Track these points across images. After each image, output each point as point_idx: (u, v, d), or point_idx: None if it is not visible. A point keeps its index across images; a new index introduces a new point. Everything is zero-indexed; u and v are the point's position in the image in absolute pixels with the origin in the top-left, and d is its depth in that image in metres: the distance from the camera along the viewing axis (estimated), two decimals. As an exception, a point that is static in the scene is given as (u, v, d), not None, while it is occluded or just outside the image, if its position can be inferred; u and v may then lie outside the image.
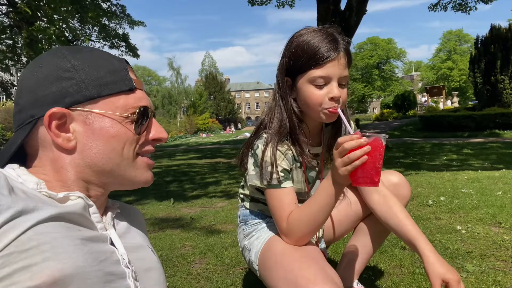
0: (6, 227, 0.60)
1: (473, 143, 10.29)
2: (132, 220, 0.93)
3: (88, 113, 0.75)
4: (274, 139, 1.25)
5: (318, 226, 1.20)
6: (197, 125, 46.31)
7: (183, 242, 2.56)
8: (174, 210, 3.70)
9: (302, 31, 1.22)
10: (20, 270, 0.58)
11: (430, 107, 23.25)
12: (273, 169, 1.22)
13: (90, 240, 0.70)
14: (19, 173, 0.74)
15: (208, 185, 5.34)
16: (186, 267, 2.07)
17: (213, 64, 66.38)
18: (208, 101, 56.41)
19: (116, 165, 0.79)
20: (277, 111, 1.28)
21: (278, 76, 1.28)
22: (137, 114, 0.79)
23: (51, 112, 0.72)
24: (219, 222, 3.07)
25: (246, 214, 1.46)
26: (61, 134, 0.74)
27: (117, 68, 0.79)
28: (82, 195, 0.75)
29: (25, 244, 0.60)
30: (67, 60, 0.75)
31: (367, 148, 0.99)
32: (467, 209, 2.88)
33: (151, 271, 0.83)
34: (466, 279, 1.68)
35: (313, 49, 1.16)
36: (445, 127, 14.53)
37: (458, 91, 36.96)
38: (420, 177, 4.53)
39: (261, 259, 1.29)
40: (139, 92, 0.82)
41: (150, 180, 0.85)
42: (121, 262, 0.74)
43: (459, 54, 52.86)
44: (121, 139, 0.78)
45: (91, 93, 0.75)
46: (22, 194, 0.67)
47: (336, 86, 1.19)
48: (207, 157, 10.69)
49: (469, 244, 2.13)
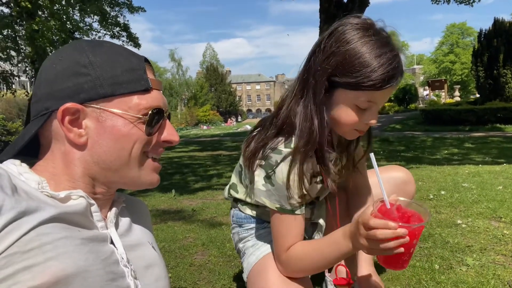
0: (9, 227, 0.60)
1: (474, 137, 10.28)
2: (136, 214, 0.93)
3: (101, 111, 0.75)
4: (299, 158, 1.07)
5: (318, 270, 1.16)
6: (198, 117, 46.27)
7: (185, 233, 2.58)
8: (176, 202, 3.72)
9: (354, 35, 1.00)
10: (23, 270, 0.60)
11: (431, 100, 23.19)
12: (291, 194, 1.08)
13: (90, 240, 0.71)
14: (21, 171, 0.74)
15: (210, 178, 5.36)
16: (188, 259, 2.09)
17: (214, 56, 66.18)
18: (209, 93, 56.30)
19: (124, 165, 0.78)
20: (303, 117, 1.07)
21: (316, 76, 1.04)
22: (149, 115, 0.78)
23: (65, 107, 0.72)
24: (221, 214, 3.09)
25: (240, 217, 1.38)
26: (73, 129, 0.74)
27: (134, 67, 0.78)
28: (84, 194, 0.75)
29: (27, 245, 0.61)
30: (86, 56, 0.75)
31: (404, 240, 0.84)
32: (467, 203, 2.89)
33: (152, 268, 0.84)
34: (466, 273, 1.70)
35: (372, 72, 0.97)
36: (446, 121, 14.51)
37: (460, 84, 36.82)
38: (421, 171, 4.55)
39: (251, 277, 1.24)
40: (155, 93, 0.80)
41: (155, 183, 0.84)
42: (120, 261, 0.75)
43: (461, 47, 52.51)
44: (131, 139, 0.77)
45: (105, 91, 0.75)
46: (24, 195, 0.67)
47: (377, 111, 1.07)
48: (208, 150, 10.70)
49: (469, 238, 2.15)
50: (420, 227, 0.86)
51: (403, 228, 0.83)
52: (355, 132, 1.11)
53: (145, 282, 0.79)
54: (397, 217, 0.85)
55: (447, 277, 1.66)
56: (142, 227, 0.91)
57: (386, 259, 0.94)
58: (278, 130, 1.12)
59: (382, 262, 0.96)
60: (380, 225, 0.85)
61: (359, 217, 0.92)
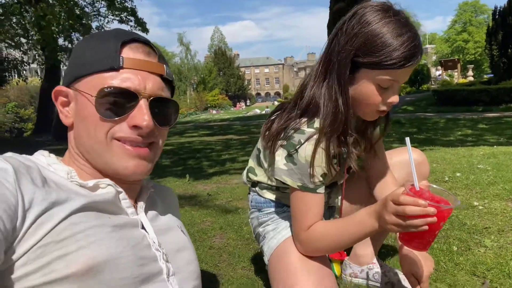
0: (41, 218, 0.62)
1: (489, 118, 10.12)
2: (164, 200, 0.95)
3: (76, 92, 0.77)
4: (324, 138, 1.10)
5: (338, 250, 1.18)
6: (207, 102, 46.22)
7: (202, 218, 2.62)
8: (191, 187, 3.77)
9: (375, 17, 1.03)
10: (57, 259, 0.62)
11: (444, 81, 22.78)
12: (314, 172, 1.11)
13: (121, 227, 0.73)
14: (50, 162, 0.76)
15: (223, 162, 5.40)
16: (207, 242, 2.14)
17: (222, 39, 65.61)
18: (217, 77, 56.07)
19: (91, 148, 0.77)
20: (328, 98, 1.10)
21: (339, 56, 1.07)
22: (102, 94, 0.73)
23: (55, 90, 0.78)
24: (236, 199, 3.13)
25: (260, 201, 1.40)
26: (63, 110, 0.79)
27: (104, 47, 0.76)
28: (111, 183, 0.77)
29: (61, 234, 0.63)
30: (78, 44, 0.83)
31: (432, 220, 0.85)
32: (483, 185, 2.88)
33: (183, 251, 0.86)
34: (484, 254, 1.71)
35: (394, 50, 1.00)
36: (459, 102, 14.27)
37: (474, 64, 36.04)
38: (435, 153, 4.51)
39: (273, 260, 1.27)
40: (128, 72, 0.75)
41: (131, 169, 0.77)
42: (151, 245, 0.77)
43: (475, 25, 51.22)
44: (91, 119, 0.75)
45: (76, 72, 0.77)
46: (54, 185, 0.69)
47: (398, 90, 1.10)
48: (218, 134, 10.74)
49: (487, 220, 2.15)
50: (448, 210, 0.87)
51: (432, 208, 0.85)
52: (376, 112, 1.13)
53: (177, 265, 0.81)
54: (428, 199, 0.87)
55: (466, 258, 1.68)
56: (171, 213, 0.93)
57: (409, 239, 0.95)
58: (302, 112, 1.14)
59: (405, 242, 0.97)
60: (410, 201, 0.88)
61: (387, 196, 0.94)
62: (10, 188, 0.60)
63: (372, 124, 1.26)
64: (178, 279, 0.79)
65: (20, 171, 0.65)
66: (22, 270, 0.60)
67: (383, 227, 0.99)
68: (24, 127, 24.41)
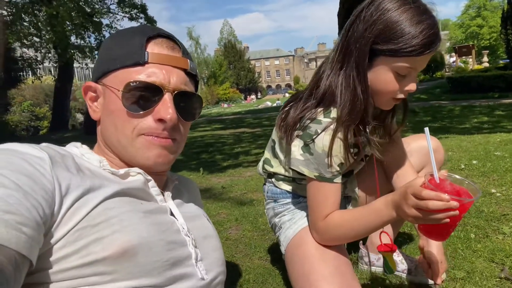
0: (77, 203, 0.65)
1: (505, 104, 9.90)
2: (189, 191, 0.97)
3: (104, 87, 0.80)
4: (342, 127, 1.09)
5: (355, 239, 1.17)
6: (218, 96, 46.32)
7: (217, 210, 2.65)
8: (205, 180, 3.80)
9: (394, 4, 1.02)
10: (93, 242, 0.64)
11: (458, 67, 22.33)
12: (331, 162, 1.10)
13: (152, 212, 0.75)
14: (83, 152, 0.80)
15: (236, 155, 5.43)
16: (224, 233, 2.16)
17: (231, 32, 65.41)
18: (228, 71, 56.04)
19: (117, 141, 0.79)
20: (345, 86, 1.09)
21: (358, 44, 1.06)
22: (129, 89, 0.75)
23: (84, 85, 0.81)
24: (250, 191, 3.15)
25: (276, 192, 1.40)
26: (92, 105, 0.82)
27: (130, 42, 0.78)
28: (141, 171, 0.79)
29: (96, 219, 0.66)
30: (105, 41, 0.85)
31: (454, 213, 0.84)
32: (500, 172, 2.83)
33: (209, 238, 0.88)
34: (502, 241, 1.69)
35: (413, 38, 0.99)
36: (474, 89, 13.96)
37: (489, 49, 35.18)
38: (450, 141, 4.45)
39: (289, 249, 1.28)
40: (154, 67, 0.77)
41: (152, 159, 0.79)
42: (181, 231, 0.79)
43: (489, 10, 49.86)
44: (118, 114, 0.77)
45: (103, 68, 0.79)
46: (88, 172, 0.72)
47: (416, 78, 1.08)
48: (230, 128, 10.76)
49: (505, 207, 2.12)
50: (469, 202, 0.86)
51: (455, 201, 0.84)
52: (392, 101, 1.12)
53: (204, 251, 0.83)
54: (449, 191, 0.86)
55: (484, 245, 1.66)
56: (195, 202, 0.96)
57: (429, 229, 0.95)
58: (319, 101, 1.14)
59: (424, 232, 0.97)
60: (433, 196, 0.86)
61: (407, 187, 0.93)
62: (47, 176, 0.63)
63: (390, 113, 1.25)
64: (205, 264, 0.81)
65: (55, 160, 0.67)
66: (60, 253, 0.63)
67: (402, 217, 0.99)
68: (40, 125, 24.86)
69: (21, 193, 0.57)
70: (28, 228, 0.56)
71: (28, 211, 0.57)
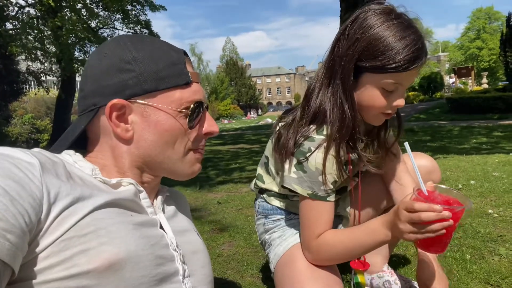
0: (66, 212, 0.63)
1: (504, 125, 9.92)
2: (179, 204, 0.96)
3: (145, 106, 0.78)
4: (333, 144, 1.09)
5: (349, 259, 1.16)
6: (219, 112, 46.52)
7: (211, 225, 2.62)
8: (201, 195, 3.77)
9: (377, 20, 1.01)
10: (79, 253, 0.62)
11: (458, 88, 22.49)
12: (325, 180, 1.09)
13: (141, 225, 0.73)
14: (76, 159, 0.78)
15: (233, 171, 5.40)
16: (216, 249, 2.13)
17: (233, 49, 66.19)
18: (229, 87, 56.45)
19: (167, 158, 0.81)
20: (333, 104, 1.09)
21: (342, 62, 1.06)
22: (191, 109, 0.80)
23: (112, 104, 0.75)
24: (246, 206, 3.12)
25: (267, 208, 1.38)
26: (120, 125, 0.77)
27: (175, 61, 0.80)
28: (133, 181, 0.78)
29: (84, 229, 0.63)
30: (129, 51, 0.78)
31: (448, 223, 0.85)
32: (498, 192, 2.81)
33: (198, 254, 0.86)
34: (498, 263, 1.66)
35: (397, 53, 0.98)
36: (474, 109, 14.03)
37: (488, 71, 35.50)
38: (449, 161, 4.44)
39: (279, 267, 1.25)
40: (195, 86, 0.82)
41: (196, 172, 0.87)
42: (169, 245, 0.77)
43: (488, 33, 50.62)
44: (174, 133, 0.80)
45: (149, 86, 0.77)
46: (79, 180, 0.70)
47: (404, 93, 1.08)
48: (229, 144, 10.77)
49: (501, 228, 2.09)
50: (461, 210, 0.86)
51: (447, 211, 0.84)
52: (382, 116, 1.12)
53: (192, 268, 0.82)
54: (439, 201, 0.86)
55: (479, 266, 1.63)
56: (185, 215, 0.94)
57: (427, 243, 0.94)
58: (311, 120, 1.14)
59: (423, 247, 0.96)
60: (424, 208, 0.86)
61: (399, 205, 0.93)
62: (36, 182, 0.61)
63: (384, 128, 1.25)
64: (192, 281, 0.80)
65: (46, 166, 0.66)
66: (45, 263, 0.61)
67: (398, 237, 0.97)
68: (40, 138, 24.89)
69: (7, 199, 0.56)
70: (12, 235, 0.54)
71: (14, 217, 0.55)
